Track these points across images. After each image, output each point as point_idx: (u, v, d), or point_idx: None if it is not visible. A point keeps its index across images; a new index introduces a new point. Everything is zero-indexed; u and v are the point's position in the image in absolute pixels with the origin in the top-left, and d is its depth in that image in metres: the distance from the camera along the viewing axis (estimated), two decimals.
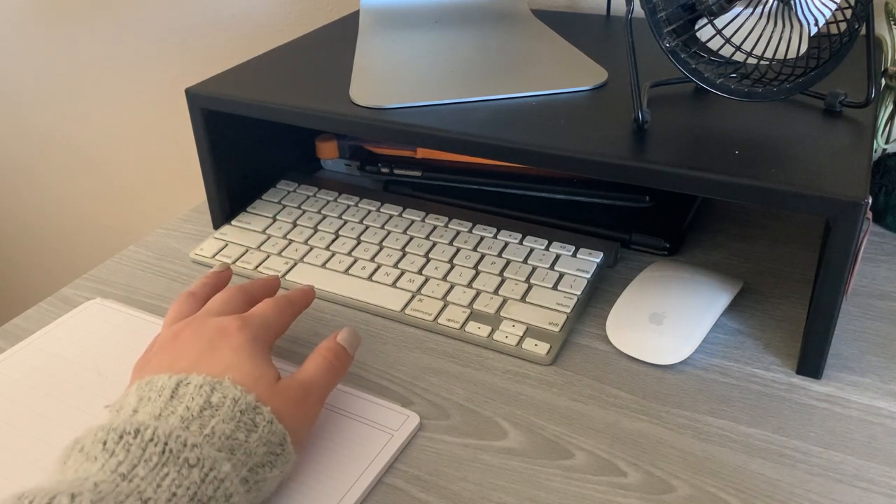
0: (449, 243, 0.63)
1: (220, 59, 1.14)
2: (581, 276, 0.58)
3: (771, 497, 0.41)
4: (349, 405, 0.48)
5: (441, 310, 0.56)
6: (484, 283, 0.58)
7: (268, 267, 0.62)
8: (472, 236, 0.63)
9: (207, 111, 0.64)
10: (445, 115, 0.56)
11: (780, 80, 0.50)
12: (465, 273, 0.59)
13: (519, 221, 0.64)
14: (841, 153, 0.48)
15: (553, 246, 0.61)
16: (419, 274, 0.60)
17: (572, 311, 0.55)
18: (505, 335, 0.53)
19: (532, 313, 0.55)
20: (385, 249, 0.63)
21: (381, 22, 0.75)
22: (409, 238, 0.64)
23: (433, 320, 0.55)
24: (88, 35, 1.25)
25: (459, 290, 0.58)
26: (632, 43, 0.51)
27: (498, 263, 0.60)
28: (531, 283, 0.58)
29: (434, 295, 0.57)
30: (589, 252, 0.60)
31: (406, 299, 0.57)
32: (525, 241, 0.62)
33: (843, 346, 0.52)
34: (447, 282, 0.58)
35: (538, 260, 0.60)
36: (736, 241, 0.64)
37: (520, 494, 0.42)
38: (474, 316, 0.55)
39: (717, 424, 0.46)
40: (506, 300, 0.56)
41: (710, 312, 0.53)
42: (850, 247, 0.44)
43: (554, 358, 0.52)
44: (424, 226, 0.65)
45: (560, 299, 0.56)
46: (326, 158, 0.78)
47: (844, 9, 0.47)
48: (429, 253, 0.62)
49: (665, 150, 0.50)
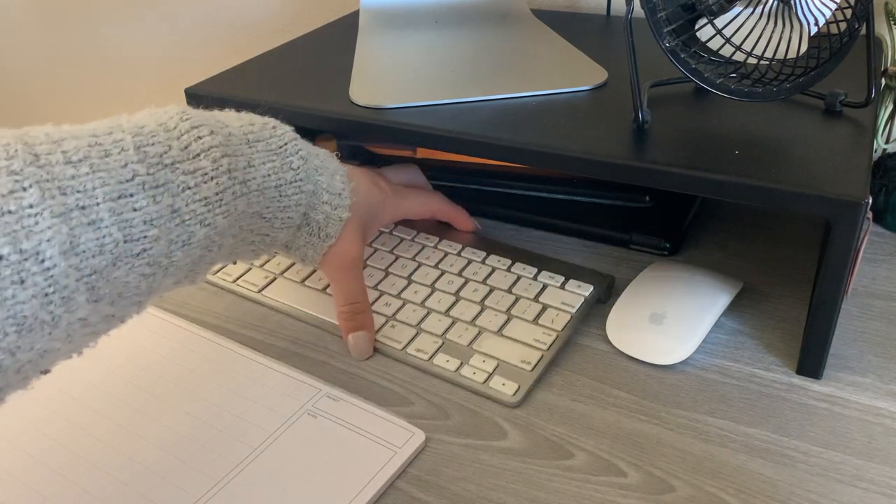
0: (434, 266, 0.60)
1: (220, 59, 1.14)
2: (565, 311, 0.54)
3: (771, 497, 0.41)
4: (353, 417, 0.47)
5: (412, 338, 0.53)
6: (462, 312, 0.55)
7: (246, 280, 0.60)
8: (460, 260, 0.60)
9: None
10: (445, 115, 0.56)
11: (780, 80, 0.50)
12: (444, 299, 0.56)
13: (510, 248, 0.61)
14: (841, 153, 0.48)
15: (542, 275, 0.57)
16: (397, 297, 0.57)
17: (549, 350, 0.51)
18: (473, 371, 0.50)
19: (506, 348, 0.51)
20: (368, 269, 0.60)
21: (380, 22, 0.75)
22: (394, 258, 0.61)
23: (402, 349, 0.52)
24: (88, 35, 1.25)
25: (435, 317, 0.55)
26: (632, 43, 0.51)
27: (481, 291, 0.57)
28: (511, 314, 0.54)
29: (408, 321, 0.54)
30: (578, 284, 0.56)
31: (379, 324, 0.55)
32: (513, 269, 0.58)
33: (843, 346, 0.52)
34: (424, 307, 0.56)
35: (524, 290, 0.56)
36: (736, 241, 0.64)
37: (520, 494, 0.42)
38: (445, 347, 0.52)
39: (717, 424, 0.46)
40: (481, 332, 0.53)
41: (710, 312, 0.53)
42: (850, 247, 0.44)
43: (521, 400, 0.48)
44: (413, 245, 0.62)
45: (539, 335, 0.52)
46: None
47: (844, 9, 0.47)
48: (412, 275, 0.59)
49: (665, 150, 0.50)
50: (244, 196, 0.43)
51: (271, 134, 0.47)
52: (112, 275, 0.35)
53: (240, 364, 0.52)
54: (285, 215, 0.48)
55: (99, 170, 0.35)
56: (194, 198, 0.39)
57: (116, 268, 0.35)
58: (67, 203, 0.33)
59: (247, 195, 0.43)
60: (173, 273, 0.40)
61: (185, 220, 0.39)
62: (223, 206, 0.41)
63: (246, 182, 0.43)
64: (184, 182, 0.39)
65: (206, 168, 0.40)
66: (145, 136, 0.38)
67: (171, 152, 0.39)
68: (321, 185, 0.50)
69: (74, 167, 0.34)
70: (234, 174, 0.42)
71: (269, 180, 0.45)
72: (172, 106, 0.42)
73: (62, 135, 0.36)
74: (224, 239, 0.42)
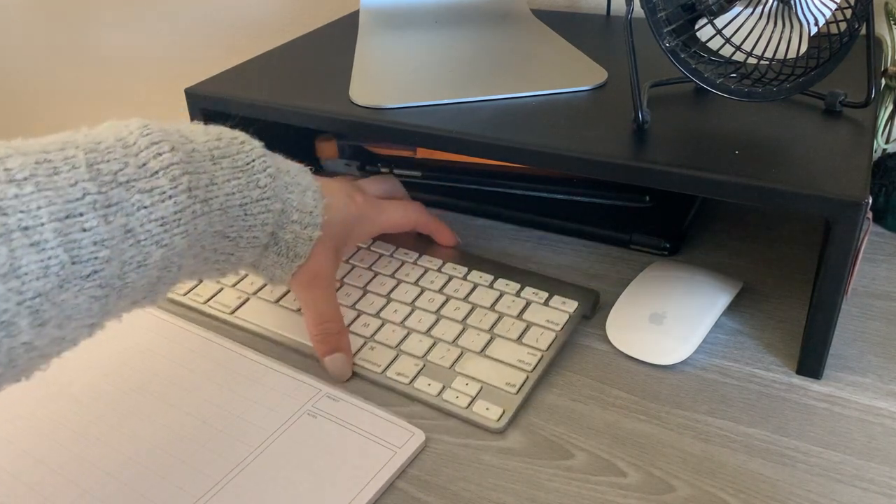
0: (414, 282, 0.57)
1: (220, 59, 1.14)
2: (550, 329, 0.52)
3: (771, 497, 0.41)
4: (353, 417, 0.47)
5: (392, 361, 0.51)
6: (444, 332, 0.52)
7: (218, 301, 0.58)
8: (440, 276, 0.58)
9: (207, 111, 0.64)
10: (445, 115, 0.56)
11: (780, 80, 0.50)
12: (424, 318, 0.54)
13: (493, 263, 0.59)
14: (841, 153, 0.48)
15: (525, 291, 0.55)
16: (376, 317, 0.54)
17: (534, 371, 0.49)
18: (455, 395, 0.48)
19: (490, 370, 0.49)
20: (345, 287, 0.58)
21: (380, 22, 0.75)
22: (373, 275, 0.59)
23: (381, 372, 0.50)
24: (88, 35, 1.25)
25: (416, 337, 0.52)
26: (632, 43, 0.51)
27: (462, 309, 0.54)
28: (494, 333, 0.52)
29: (388, 342, 0.52)
30: (563, 301, 0.54)
31: (357, 346, 0.52)
32: (496, 285, 0.56)
33: (843, 346, 0.52)
34: (404, 327, 0.53)
35: (506, 307, 0.54)
36: (736, 241, 0.64)
37: (520, 494, 0.42)
38: (426, 370, 0.50)
39: (717, 424, 0.46)
40: (463, 352, 0.51)
41: (710, 312, 0.53)
42: (850, 247, 0.44)
43: (506, 425, 0.46)
44: (392, 261, 0.60)
45: (523, 355, 0.50)
46: (326, 158, 0.77)
47: (844, 9, 0.47)
48: (391, 293, 0.57)
49: (665, 150, 0.50)
50: (205, 215, 0.42)
51: (238, 150, 0.45)
52: (58, 298, 0.34)
53: (240, 364, 0.52)
54: (251, 235, 0.46)
55: (45, 188, 0.34)
56: (150, 217, 0.38)
57: (64, 290, 0.34)
58: (8, 224, 0.33)
59: (208, 214, 0.42)
60: (129, 294, 0.39)
61: (139, 240, 0.38)
62: (181, 226, 0.40)
63: (207, 201, 0.42)
64: (139, 201, 0.38)
65: (164, 186, 0.39)
66: (100, 153, 0.37)
67: (127, 170, 0.38)
68: (291, 202, 0.48)
69: (18, 186, 0.33)
70: (195, 192, 0.41)
71: (234, 199, 0.44)
72: (135, 119, 0.41)
73: (8, 151, 0.35)
74: (184, 259, 0.41)
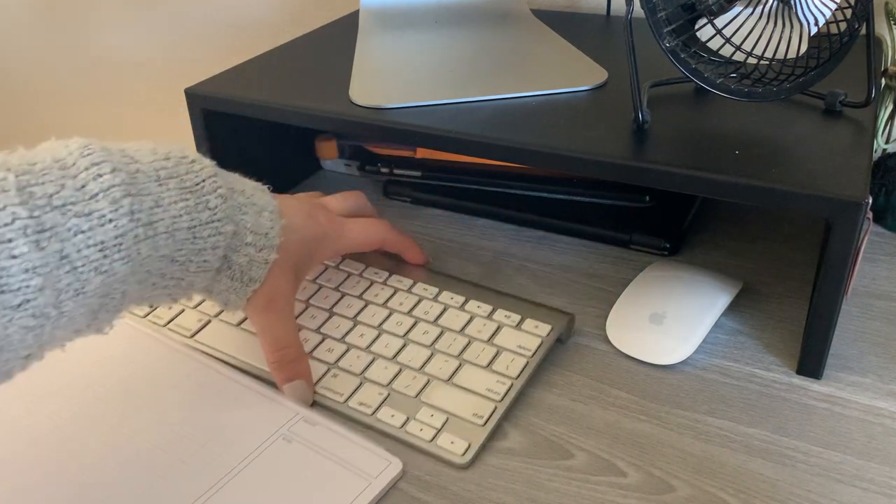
0: (383, 304, 0.55)
1: (220, 59, 1.14)
2: (521, 355, 0.50)
3: (771, 497, 0.41)
4: (329, 443, 0.45)
5: (355, 389, 0.48)
6: (410, 358, 0.50)
7: (178, 324, 0.55)
8: (410, 297, 0.55)
9: (207, 111, 0.64)
10: (445, 115, 0.56)
11: (780, 80, 0.50)
12: (392, 343, 0.51)
13: (465, 283, 0.56)
14: (841, 153, 0.48)
15: (497, 314, 0.53)
16: (341, 342, 0.52)
17: (503, 400, 0.47)
18: (420, 427, 0.45)
19: (457, 399, 0.47)
20: (311, 309, 0.55)
21: (380, 22, 0.75)
22: (340, 296, 0.56)
23: (344, 402, 0.48)
24: (88, 35, 1.25)
25: (381, 364, 0.50)
26: (632, 43, 0.51)
27: (431, 333, 0.52)
28: (463, 359, 0.50)
29: (352, 369, 0.50)
30: (536, 324, 0.52)
31: (320, 373, 0.50)
32: (467, 306, 0.54)
33: (843, 346, 0.52)
34: (370, 352, 0.51)
35: (477, 331, 0.52)
36: (736, 241, 0.64)
37: (520, 494, 0.42)
38: (391, 399, 0.47)
39: (717, 424, 0.46)
40: (430, 380, 0.48)
41: (710, 312, 0.53)
42: (850, 247, 0.44)
43: (472, 460, 0.44)
44: (360, 281, 0.57)
45: (492, 383, 0.48)
46: (326, 158, 0.78)
47: (844, 9, 0.47)
48: (358, 315, 0.54)
49: (665, 150, 0.50)
50: (149, 239, 0.40)
51: (188, 170, 0.43)
52: None
53: (217, 382, 0.50)
54: (201, 259, 0.44)
55: None
56: (88, 243, 0.36)
57: None
58: None
59: (153, 238, 0.40)
60: (67, 324, 0.37)
61: (76, 267, 0.36)
62: (123, 251, 0.38)
63: (152, 224, 0.40)
64: (76, 226, 0.36)
65: (104, 210, 0.37)
66: (34, 175, 0.36)
67: (64, 192, 0.36)
68: (244, 224, 0.46)
69: None
70: (138, 216, 0.39)
71: (181, 221, 0.42)
72: (77, 139, 0.39)
73: None
74: (127, 286, 0.40)
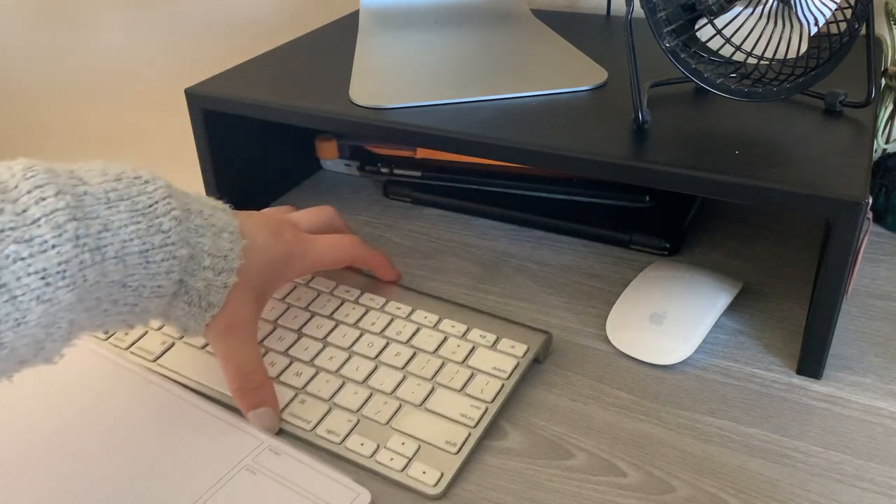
0: (354, 324, 0.53)
1: (220, 59, 1.13)
2: (496, 377, 0.48)
3: (771, 497, 0.41)
4: (295, 475, 0.43)
5: (323, 416, 0.46)
6: (382, 381, 0.48)
7: (141, 347, 0.52)
8: (383, 316, 0.53)
9: (207, 111, 0.64)
10: (445, 115, 0.56)
11: (780, 80, 0.50)
12: (362, 366, 0.49)
13: (439, 300, 0.55)
14: (841, 153, 0.48)
15: (471, 333, 0.51)
16: (310, 365, 0.50)
17: (477, 426, 0.45)
18: (390, 456, 0.43)
19: (430, 426, 0.45)
20: (279, 330, 0.53)
21: (380, 22, 0.75)
22: (309, 316, 0.54)
23: (311, 429, 0.46)
24: (88, 36, 1.25)
25: (351, 388, 0.48)
26: (632, 43, 0.51)
27: (404, 354, 0.50)
28: (436, 382, 0.48)
29: (321, 394, 0.48)
30: (511, 344, 0.50)
31: (287, 399, 0.48)
32: (440, 326, 0.52)
33: (843, 346, 0.52)
34: (339, 376, 0.49)
35: (451, 352, 0.50)
36: (736, 241, 0.64)
37: (520, 494, 0.42)
38: (361, 426, 0.45)
39: (717, 424, 0.46)
40: (402, 406, 0.46)
41: (710, 312, 0.53)
42: (850, 247, 0.44)
43: (445, 490, 0.42)
44: (331, 300, 0.55)
45: (465, 408, 0.46)
46: (326, 158, 0.78)
47: (844, 9, 0.47)
48: (328, 336, 0.52)
49: (665, 150, 0.50)
50: (97, 265, 0.38)
51: (140, 191, 0.41)
52: None
53: (180, 410, 0.47)
54: (154, 284, 0.42)
55: None
56: (28, 270, 0.35)
57: None
58: None
59: (101, 264, 0.38)
60: (8, 356, 0.35)
61: (15, 296, 0.34)
62: (67, 279, 0.36)
63: (99, 249, 0.38)
64: (15, 252, 0.34)
65: (46, 235, 0.35)
66: None
67: (3, 217, 0.35)
68: (202, 247, 0.44)
69: None
70: (84, 241, 0.37)
71: (132, 245, 0.40)
72: (21, 160, 0.38)
73: None
74: (74, 314, 0.38)
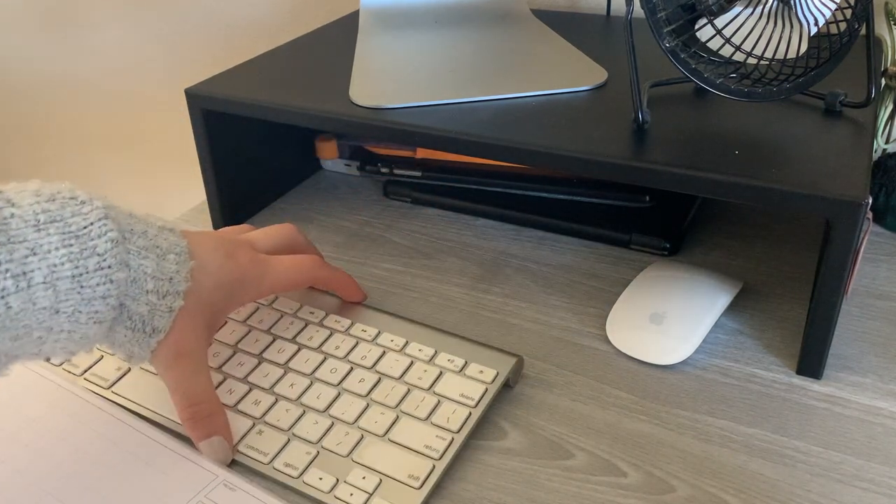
0: (317, 348, 0.51)
1: (220, 59, 1.14)
2: (464, 405, 0.46)
3: (771, 497, 0.41)
4: None
5: (281, 448, 0.44)
6: (344, 410, 0.46)
7: (95, 374, 0.50)
8: (348, 339, 0.51)
9: (207, 111, 0.64)
10: (445, 115, 0.56)
11: (780, 80, 0.50)
12: (324, 393, 0.47)
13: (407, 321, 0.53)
14: (841, 153, 0.48)
15: (439, 357, 0.49)
16: (269, 392, 0.48)
17: (441, 458, 0.43)
18: (350, 491, 0.41)
19: (392, 458, 0.43)
20: (238, 355, 0.51)
21: (380, 22, 0.75)
22: (271, 339, 0.52)
23: (268, 463, 0.43)
24: (88, 35, 1.25)
25: (312, 418, 0.46)
26: (632, 43, 0.51)
27: (368, 381, 0.48)
28: (401, 411, 0.46)
29: (280, 425, 0.45)
30: (480, 369, 0.48)
31: (244, 430, 0.45)
32: (407, 349, 0.50)
33: (843, 346, 0.52)
34: (300, 405, 0.47)
35: (417, 377, 0.48)
36: (736, 241, 0.64)
37: (520, 494, 0.42)
38: (320, 459, 0.43)
39: (717, 424, 0.46)
40: (364, 436, 0.44)
41: (710, 312, 0.53)
42: (850, 247, 0.44)
43: None
44: (295, 322, 0.53)
45: (430, 439, 0.44)
46: (326, 158, 0.78)
47: (844, 9, 0.47)
48: (289, 361, 0.50)
49: (665, 150, 0.50)
50: (21, 292, 0.36)
51: (74, 212, 0.39)
52: None
53: (132, 441, 0.45)
54: (91, 309, 0.39)
55: None
56: None
57: None
58: None
59: (26, 290, 0.36)
60: None
61: None
62: None
63: (25, 275, 0.36)
64: None
65: None
66: None
67: None
68: (144, 269, 0.42)
69: None
70: (6, 266, 0.36)
71: (63, 270, 0.38)
72: None
73: None
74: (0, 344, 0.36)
